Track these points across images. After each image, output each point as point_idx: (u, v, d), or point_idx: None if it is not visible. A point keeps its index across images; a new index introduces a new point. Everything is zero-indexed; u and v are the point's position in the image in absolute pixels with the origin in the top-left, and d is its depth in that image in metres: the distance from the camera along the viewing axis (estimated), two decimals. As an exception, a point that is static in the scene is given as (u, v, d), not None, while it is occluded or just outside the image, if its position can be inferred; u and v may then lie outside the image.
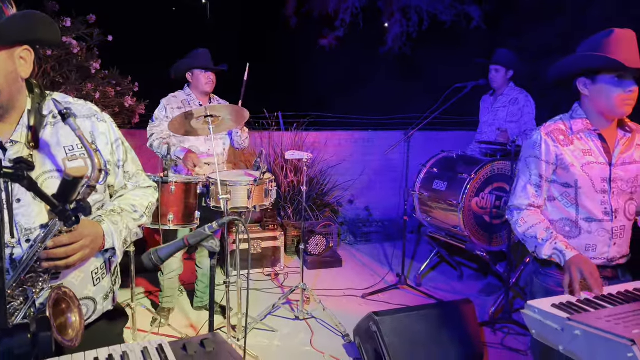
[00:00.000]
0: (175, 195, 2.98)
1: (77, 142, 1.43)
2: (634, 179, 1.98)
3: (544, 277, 2.00)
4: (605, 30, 1.88)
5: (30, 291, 1.28)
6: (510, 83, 4.31)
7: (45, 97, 1.44)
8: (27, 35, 1.30)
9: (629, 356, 1.31)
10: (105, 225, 1.42)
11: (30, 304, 1.29)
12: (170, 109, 3.64)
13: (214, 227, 1.43)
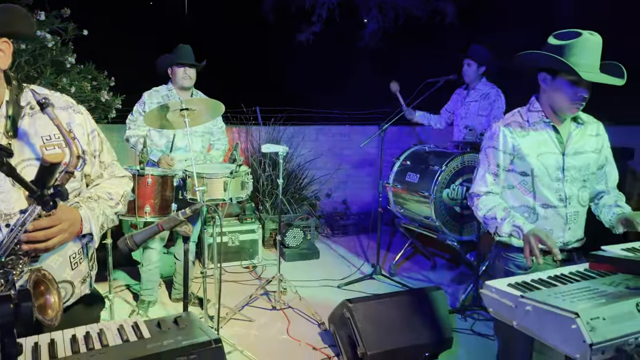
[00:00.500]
0: (152, 188, 3.03)
1: (55, 132, 1.48)
2: (585, 167, 2.11)
3: (505, 260, 2.12)
4: (576, 31, 1.97)
5: (10, 273, 1.34)
6: (483, 78, 4.44)
7: (23, 88, 1.49)
8: (4, 28, 1.35)
9: (572, 328, 1.43)
10: (82, 211, 1.47)
11: (10, 286, 1.34)
12: (149, 103, 3.69)
13: (187, 213, 1.50)
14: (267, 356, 3.15)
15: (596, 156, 2.14)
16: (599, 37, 1.96)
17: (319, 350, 3.29)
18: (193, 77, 3.81)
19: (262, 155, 5.97)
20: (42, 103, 1.32)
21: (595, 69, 1.94)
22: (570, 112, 2.01)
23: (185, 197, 3.21)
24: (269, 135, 6.28)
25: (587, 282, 1.72)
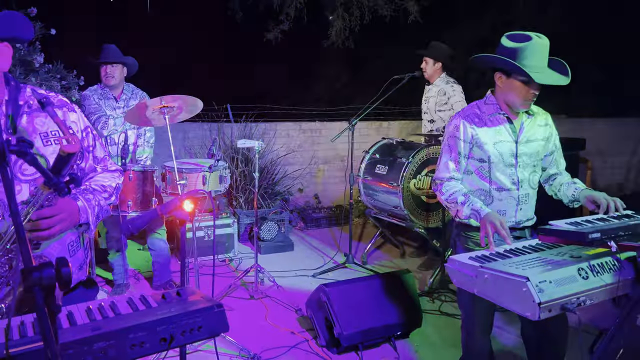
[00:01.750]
0: (133, 183, 3.15)
1: (51, 129, 1.61)
2: (535, 154, 2.36)
3: (464, 239, 2.35)
4: (527, 34, 2.20)
5: (14, 260, 1.46)
6: (443, 74, 4.66)
7: (20, 88, 1.61)
8: (6, 33, 1.47)
9: (524, 290, 1.65)
10: (80, 202, 1.60)
11: (14, 271, 1.46)
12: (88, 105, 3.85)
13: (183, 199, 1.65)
14: (248, 341, 3.30)
15: (544, 144, 2.39)
16: (546, 39, 2.20)
17: (298, 334, 3.46)
18: (116, 76, 3.92)
19: (234, 151, 6.09)
20: (43, 102, 1.44)
21: (544, 69, 2.18)
22: (523, 107, 2.24)
23: (165, 192, 3.33)
24: (240, 132, 6.40)
25: (537, 253, 1.96)
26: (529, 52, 2.17)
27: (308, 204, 6.68)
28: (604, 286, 1.75)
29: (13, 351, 1.06)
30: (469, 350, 2.46)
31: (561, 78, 2.18)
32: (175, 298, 1.38)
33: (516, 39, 2.23)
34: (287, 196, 6.51)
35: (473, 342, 2.41)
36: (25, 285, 0.94)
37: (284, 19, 7.49)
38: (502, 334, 3.45)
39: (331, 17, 7.97)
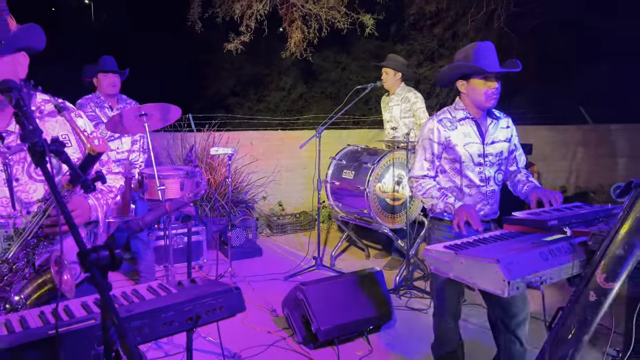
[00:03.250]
0: (112, 190, 3.20)
1: (62, 132, 1.70)
2: (500, 153, 2.62)
3: (439, 231, 2.58)
4: (472, 44, 2.50)
5: (31, 254, 1.55)
6: (402, 84, 4.96)
7: (31, 95, 1.70)
8: (25, 43, 1.56)
9: (495, 272, 1.87)
10: (91, 201, 1.70)
11: (30, 265, 1.55)
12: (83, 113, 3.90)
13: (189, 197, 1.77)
14: (227, 341, 3.39)
15: (507, 144, 2.66)
16: (490, 43, 2.50)
17: (274, 333, 3.59)
18: (117, 85, 4.14)
19: (198, 160, 6.15)
20: (60, 107, 1.55)
21: (497, 66, 2.46)
22: (488, 103, 2.49)
23: (142, 198, 3.39)
24: (204, 141, 6.47)
25: (503, 241, 2.19)
26: (479, 54, 2.46)
27: (272, 211, 6.81)
28: (561, 266, 2.00)
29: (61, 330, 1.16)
30: (441, 335, 2.68)
31: (512, 68, 2.47)
32: (191, 285, 1.51)
33: (465, 50, 2.52)
34: (252, 204, 6.62)
35: (445, 327, 2.63)
36: (83, 266, 1.05)
37: (244, 30, 7.60)
38: (465, 325, 3.70)
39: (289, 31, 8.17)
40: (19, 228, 1.54)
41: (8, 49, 1.47)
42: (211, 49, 9.06)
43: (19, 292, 1.51)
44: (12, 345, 1.13)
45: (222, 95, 11.59)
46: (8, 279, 1.47)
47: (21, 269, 1.51)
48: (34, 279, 1.51)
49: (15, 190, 1.56)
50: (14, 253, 1.49)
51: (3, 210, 1.54)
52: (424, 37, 11.02)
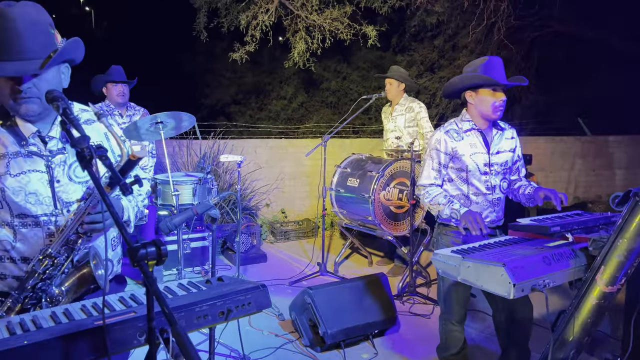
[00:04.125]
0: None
1: (96, 138, 1.81)
2: (504, 163, 2.74)
3: (446, 237, 2.69)
4: (482, 57, 2.63)
5: (70, 250, 1.65)
6: (405, 94, 5.10)
7: (69, 104, 1.81)
8: (69, 55, 1.68)
9: (501, 275, 1.98)
10: (124, 202, 1.81)
11: (70, 260, 1.65)
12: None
13: (215, 199, 1.88)
14: (236, 344, 3.48)
15: (512, 154, 2.78)
16: (499, 57, 2.63)
17: (281, 337, 3.67)
18: (126, 94, 4.30)
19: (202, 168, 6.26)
20: (100, 114, 1.66)
21: (505, 79, 2.59)
22: (495, 115, 2.61)
23: (156, 204, 3.49)
24: (209, 149, 6.58)
25: (508, 247, 2.31)
26: (488, 67, 2.59)
27: (276, 218, 6.90)
28: (564, 271, 2.11)
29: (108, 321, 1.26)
30: (447, 337, 2.77)
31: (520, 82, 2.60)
32: (218, 283, 1.61)
33: (475, 63, 2.64)
34: (255, 211, 6.72)
35: (450, 330, 2.73)
36: (132, 261, 1.16)
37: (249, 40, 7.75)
38: (468, 331, 3.79)
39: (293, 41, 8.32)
40: (60, 225, 1.64)
41: (55, 60, 1.58)
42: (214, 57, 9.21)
43: (59, 285, 1.61)
44: (63, 334, 1.22)
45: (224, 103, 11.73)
46: (49, 273, 1.57)
47: (61, 263, 1.61)
48: (72, 273, 1.62)
49: (56, 190, 1.67)
50: (56, 248, 1.59)
51: (46, 209, 1.64)
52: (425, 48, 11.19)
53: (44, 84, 1.60)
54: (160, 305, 1.11)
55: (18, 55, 1.53)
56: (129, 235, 1.21)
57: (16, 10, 1.54)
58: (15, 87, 1.56)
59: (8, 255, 1.64)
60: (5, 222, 1.63)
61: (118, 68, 4.36)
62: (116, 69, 4.35)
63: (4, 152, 1.63)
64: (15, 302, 1.54)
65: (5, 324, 1.33)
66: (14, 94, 1.57)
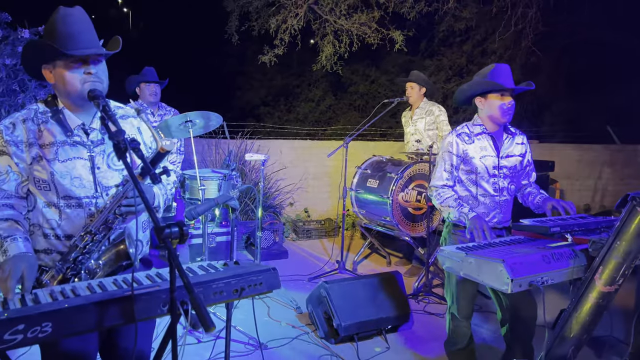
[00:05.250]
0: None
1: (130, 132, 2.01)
2: (513, 167, 2.84)
3: (454, 236, 2.82)
4: (490, 65, 2.77)
5: (108, 229, 1.85)
6: (425, 98, 5.21)
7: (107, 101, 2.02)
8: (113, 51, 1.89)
9: (500, 270, 2.10)
10: (155, 189, 2.00)
11: (107, 238, 1.85)
12: None
13: (235, 192, 2.06)
14: (254, 333, 3.66)
15: (521, 159, 2.88)
16: (506, 64, 2.76)
17: (298, 328, 3.84)
18: (158, 93, 4.56)
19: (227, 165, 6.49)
20: (140, 110, 1.86)
21: (512, 84, 2.71)
22: (504, 119, 2.73)
23: (184, 197, 3.71)
24: (236, 148, 6.81)
25: (511, 245, 2.42)
26: (495, 74, 2.72)
27: (299, 217, 7.09)
28: (562, 270, 2.21)
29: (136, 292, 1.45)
30: (454, 332, 2.89)
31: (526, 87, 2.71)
32: (235, 265, 1.79)
33: (483, 70, 2.77)
34: (279, 209, 6.92)
35: (457, 325, 2.85)
36: (158, 239, 1.34)
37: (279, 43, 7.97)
38: (479, 331, 3.89)
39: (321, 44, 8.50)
40: (100, 207, 1.85)
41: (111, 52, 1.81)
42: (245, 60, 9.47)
43: (96, 259, 1.82)
44: (97, 300, 1.42)
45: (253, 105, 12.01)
46: (89, 248, 1.78)
47: (99, 240, 1.81)
48: (109, 249, 1.82)
49: (97, 176, 1.88)
50: (96, 226, 1.80)
51: (88, 192, 1.86)
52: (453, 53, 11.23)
53: (102, 71, 1.85)
54: (181, 276, 1.29)
55: (92, 44, 1.80)
56: (157, 217, 1.39)
57: (79, 11, 1.82)
58: (87, 71, 1.80)
59: (54, 232, 1.86)
60: (52, 202, 1.85)
61: (151, 69, 4.62)
62: (149, 70, 4.61)
63: (53, 141, 1.85)
64: (59, 271, 1.75)
65: (49, 292, 1.54)
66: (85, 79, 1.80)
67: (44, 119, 1.88)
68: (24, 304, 1.46)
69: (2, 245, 1.72)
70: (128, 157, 1.54)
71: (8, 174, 1.85)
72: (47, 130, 1.86)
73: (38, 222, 1.88)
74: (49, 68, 1.84)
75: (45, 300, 1.46)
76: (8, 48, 5.33)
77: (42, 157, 1.83)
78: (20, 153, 1.83)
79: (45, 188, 1.85)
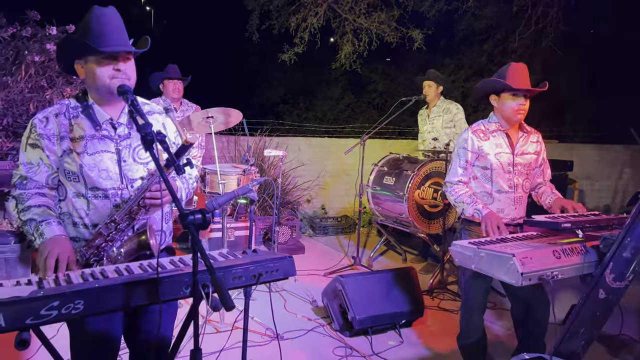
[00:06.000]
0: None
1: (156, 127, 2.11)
2: (528, 164, 2.89)
3: (468, 232, 2.87)
4: (508, 64, 2.81)
5: (132, 219, 1.95)
6: (441, 96, 5.26)
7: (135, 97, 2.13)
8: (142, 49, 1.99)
9: (511, 264, 2.15)
10: (178, 182, 2.10)
11: (131, 227, 1.96)
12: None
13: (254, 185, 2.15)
14: (271, 324, 3.76)
15: (535, 157, 2.92)
16: (523, 64, 2.79)
17: (313, 321, 3.93)
18: (181, 90, 4.70)
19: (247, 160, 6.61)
20: (169, 109, 1.96)
21: (526, 84, 2.74)
22: (517, 118, 2.78)
23: (204, 191, 3.82)
24: (255, 145, 6.92)
25: (522, 241, 2.46)
26: (511, 73, 2.75)
27: (316, 214, 7.18)
28: (573, 265, 2.25)
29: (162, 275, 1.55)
30: (466, 327, 2.94)
31: (539, 88, 2.75)
32: (253, 254, 1.88)
33: (501, 69, 2.82)
34: (297, 206, 7.01)
35: (470, 319, 2.89)
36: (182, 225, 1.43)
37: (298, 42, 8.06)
38: (492, 327, 3.92)
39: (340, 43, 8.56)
40: (125, 198, 1.96)
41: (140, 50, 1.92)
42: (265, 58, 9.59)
43: (118, 247, 1.92)
44: (127, 282, 1.52)
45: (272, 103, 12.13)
46: (112, 236, 1.88)
47: (123, 229, 1.92)
48: (132, 238, 1.92)
49: (122, 168, 1.99)
50: (120, 216, 1.90)
51: (114, 184, 1.96)
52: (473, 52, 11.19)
53: (131, 70, 1.95)
54: (203, 259, 1.38)
55: (121, 42, 1.90)
56: (181, 204, 1.48)
57: (111, 11, 1.92)
58: (115, 67, 1.90)
59: (82, 221, 1.97)
60: (80, 193, 1.96)
61: (174, 66, 4.77)
62: (172, 67, 4.76)
63: (83, 135, 1.95)
64: (82, 257, 1.87)
65: (80, 274, 1.65)
66: (114, 75, 1.90)
67: (75, 113, 1.99)
68: (57, 283, 1.57)
69: (38, 228, 1.83)
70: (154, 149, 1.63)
71: (39, 166, 1.96)
72: (78, 124, 1.97)
73: (68, 211, 1.99)
74: (80, 63, 1.95)
75: (77, 281, 1.57)
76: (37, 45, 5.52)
77: (72, 150, 1.94)
78: (51, 146, 1.95)
79: (75, 179, 1.96)
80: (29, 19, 5.49)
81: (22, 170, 1.97)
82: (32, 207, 1.90)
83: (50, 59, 5.58)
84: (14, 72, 5.50)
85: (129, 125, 2.04)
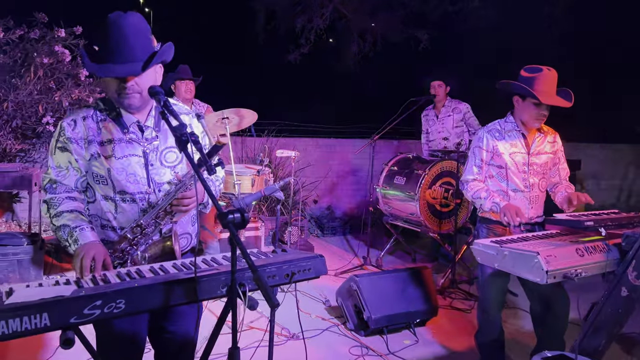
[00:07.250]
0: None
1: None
2: (544, 164, 2.90)
3: (487, 229, 2.89)
4: (539, 67, 2.77)
5: (157, 224, 1.96)
6: (448, 96, 5.29)
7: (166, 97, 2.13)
8: (165, 57, 1.99)
9: (535, 262, 2.16)
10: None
11: (157, 231, 1.97)
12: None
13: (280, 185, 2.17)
14: (286, 324, 3.77)
15: (552, 156, 2.94)
16: (554, 71, 2.77)
17: (328, 320, 3.94)
18: (192, 90, 4.69)
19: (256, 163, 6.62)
20: (199, 115, 1.97)
21: (552, 95, 2.74)
22: (535, 125, 2.80)
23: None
24: (262, 146, 6.93)
25: (544, 239, 2.48)
26: (540, 81, 2.74)
27: (323, 214, 7.19)
28: (596, 263, 2.27)
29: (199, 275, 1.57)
30: (485, 324, 2.96)
31: (564, 102, 2.74)
32: (282, 253, 1.89)
33: (531, 71, 2.80)
34: (304, 206, 7.02)
35: (488, 317, 2.91)
36: (222, 224, 1.44)
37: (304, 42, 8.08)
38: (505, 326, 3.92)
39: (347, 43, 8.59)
40: (152, 202, 1.96)
41: (154, 62, 1.89)
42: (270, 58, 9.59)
43: (143, 251, 1.93)
44: (166, 281, 1.54)
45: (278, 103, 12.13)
46: (137, 240, 1.89)
47: (149, 233, 1.92)
48: (155, 244, 1.92)
49: (150, 172, 1.98)
50: (147, 220, 1.91)
51: (141, 188, 1.96)
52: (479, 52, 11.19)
53: (144, 81, 1.90)
54: (245, 257, 1.39)
55: (125, 59, 1.84)
56: (219, 204, 1.50)
57: (125, 20, 1.85)
58: (121, 84, 1.87)
59: (110, 224, 1.97)
60: (108, 197, 1.97)
61: (185, 67, 4.76)
62: (184, 67, 4.75)
63: (111, 138, 1.95)
64: (108, 259, 1.88)
65: (116, 273, 1.66)
66: (120, 90, 1.88)
67: (103, 117, 1.98)
68: (95, 283, 1.58)
69: (72, 234, 1.84)
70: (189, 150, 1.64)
71: (68, 170, 1.96)
72: (106, 128, 1.96)
73: (97, 214, 2.00)
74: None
75: (114, 281, 1.59)
76: (45, 47, 5.53)
77: (100, 154, 1.93)
78: (80, 150, 1.94)
79: (103, 183, 1.96)
80: (37, 21, 5.50)
81: (52, 174, 1.98)
82: (65, 213, 1.91)
83: (59, 60, 5.59)
84: (22, 74, 5.51)
85: (155, 128, 2.04)
